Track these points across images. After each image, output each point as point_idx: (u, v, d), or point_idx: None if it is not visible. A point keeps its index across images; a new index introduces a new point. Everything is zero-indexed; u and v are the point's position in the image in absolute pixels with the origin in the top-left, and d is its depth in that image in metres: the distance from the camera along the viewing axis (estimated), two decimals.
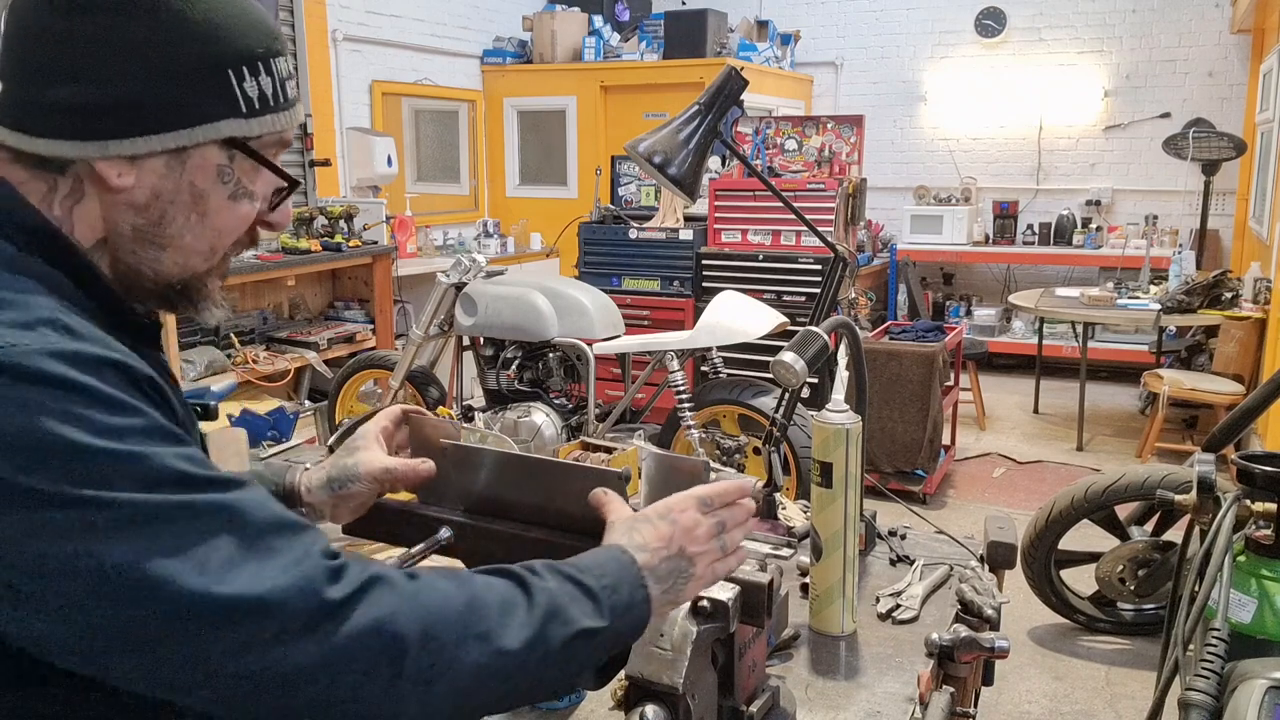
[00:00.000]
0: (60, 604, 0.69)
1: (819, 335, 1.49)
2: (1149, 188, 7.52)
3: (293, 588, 0.73)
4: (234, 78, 0.82)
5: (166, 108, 0.80)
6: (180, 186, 0.83)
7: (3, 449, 0.68)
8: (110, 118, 0.79)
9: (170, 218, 0.84)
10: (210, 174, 0.84)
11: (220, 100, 0.82)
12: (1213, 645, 1.25)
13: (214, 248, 0.88)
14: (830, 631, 1.47)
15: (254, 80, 0.84)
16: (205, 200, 0.85)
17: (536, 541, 1.11)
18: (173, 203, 0.83)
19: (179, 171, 0.83)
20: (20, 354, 0.70)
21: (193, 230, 0.85)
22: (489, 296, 3.94)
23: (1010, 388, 7.06)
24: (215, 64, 0.81)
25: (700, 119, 2.01)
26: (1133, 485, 3.27)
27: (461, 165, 7.63)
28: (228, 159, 0.85)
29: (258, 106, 0.84)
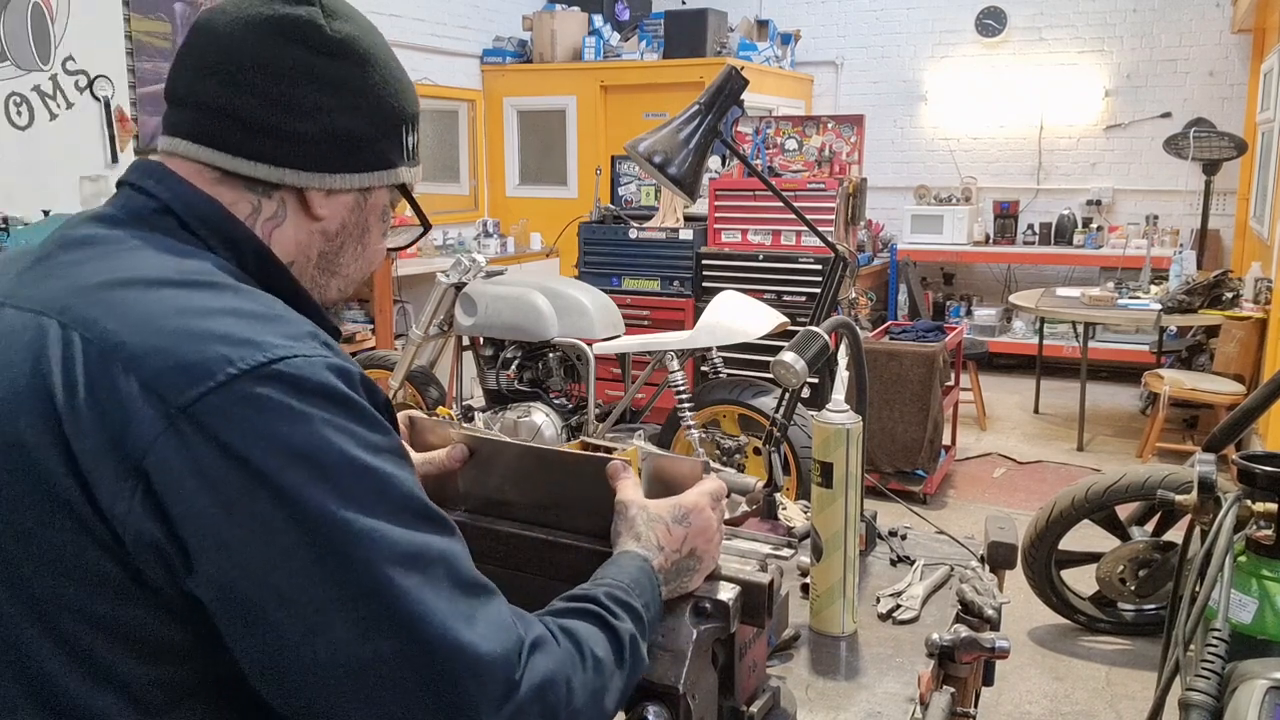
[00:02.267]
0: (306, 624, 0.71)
1: (819, 335, 1.49)
2: (1150, 187, 7.51)
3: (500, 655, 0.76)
4: (404, 131, 0.92)
5: (372, 151, 0.89)
6: (359, 222, 0.92)
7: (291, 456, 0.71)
8: (328, 152, 0.86)
9: (345, 249, 0.93)
10: (378, 213, 0.94)
11: (398, 150, 0.92)
12: (1213, 645, 1.25)
13: (362, 277, 0.98)
14: (831, 632, 1.47)
15: (412, 135, 0.94)
16: (368, 235, 0.94)
17: (537, 541, 1.11)
18: (350, 236, 0.92)
19: (362, 208, 0.92)
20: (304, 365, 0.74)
21: (356, 261, 0.94)
22: (489, 296, 3.94)
23: (1011, 388, 7.05)
24: (401, 118, 0.91)
25: (700, 119, 2.01)
26: (1133, 485, 3.27)
27: (461, 165, 7.63)
28: (391, 201, 0.95)
29: (414, 157, 0.95)
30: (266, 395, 0.71)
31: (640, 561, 0.94)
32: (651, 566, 0.94)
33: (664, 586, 0.95)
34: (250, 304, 0.78)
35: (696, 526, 0.98)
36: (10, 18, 4.42)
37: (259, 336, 0.74)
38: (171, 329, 0.73)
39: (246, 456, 0.70)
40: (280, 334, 0.75)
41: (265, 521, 0.70)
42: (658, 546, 0.95)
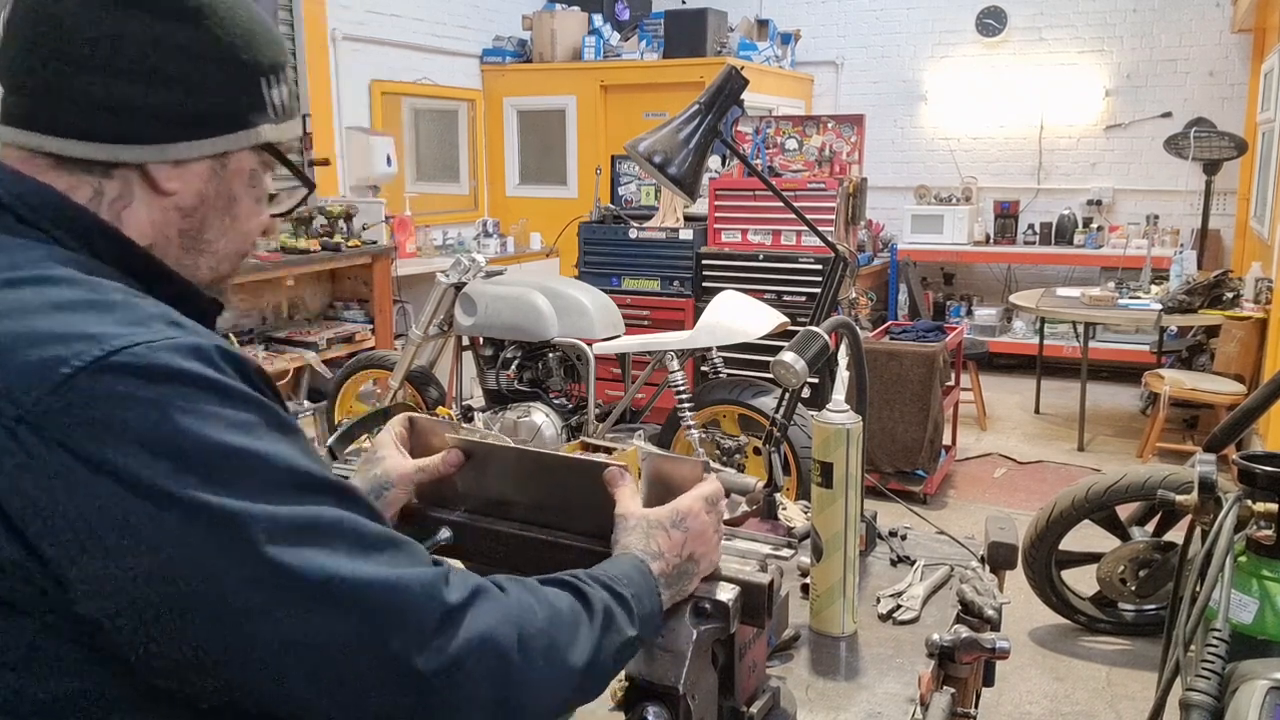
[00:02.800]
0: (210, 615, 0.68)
1: (819, 335, 1.48)
2: (1150, 187, 7.51)
3: (417, 583, 0.74)
4: (265, 85, 0.83)
5: (219, 112, 0.81)
6: (220, 191, 0.83)
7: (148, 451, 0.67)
8: (165, 121, 0.78)
9: (210, 223, 0.84)
10: (244, 179, 0.85)
11: (258, 106, 0.83)
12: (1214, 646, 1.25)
13: (240, 251, 0.88)
14: (831, 632, 1.47)
15: (279, 88, 0.85)
16: (237, 204, 0.85)
17: (537, 541, 1.10)
18: (213, 209, 0.84)
19: (220, 176, 0.83)
20: (146, 351, 0.69)
21: (226, 235, 0.86)
22: (489, 296, 3.94)
23: (1011, 388, 7.05)
24: (254, 70, 0.82)
25: (700, 118, 2.01)
26: (1134, 486, 3.27)
27: (461, 165, 7.63)
28: (259, 164, 0.86)
29: (282, 112, 0.86)
30: (109, 389, 0.66)
31: (636, 561, 0.94)
32: (649, 568, 0.94)
33: (665, 591, 0.95)
34: (83, 294, 0.72)
35: (694, 530, 0.98)
36: None
37: (94, 329, 0.69)
38: None
39: (100, 458, 0.65)
40: (118, 322, 0.70)
41: (135, 522, 0.66)
42: (658, 553, 0.95)
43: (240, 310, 5.47)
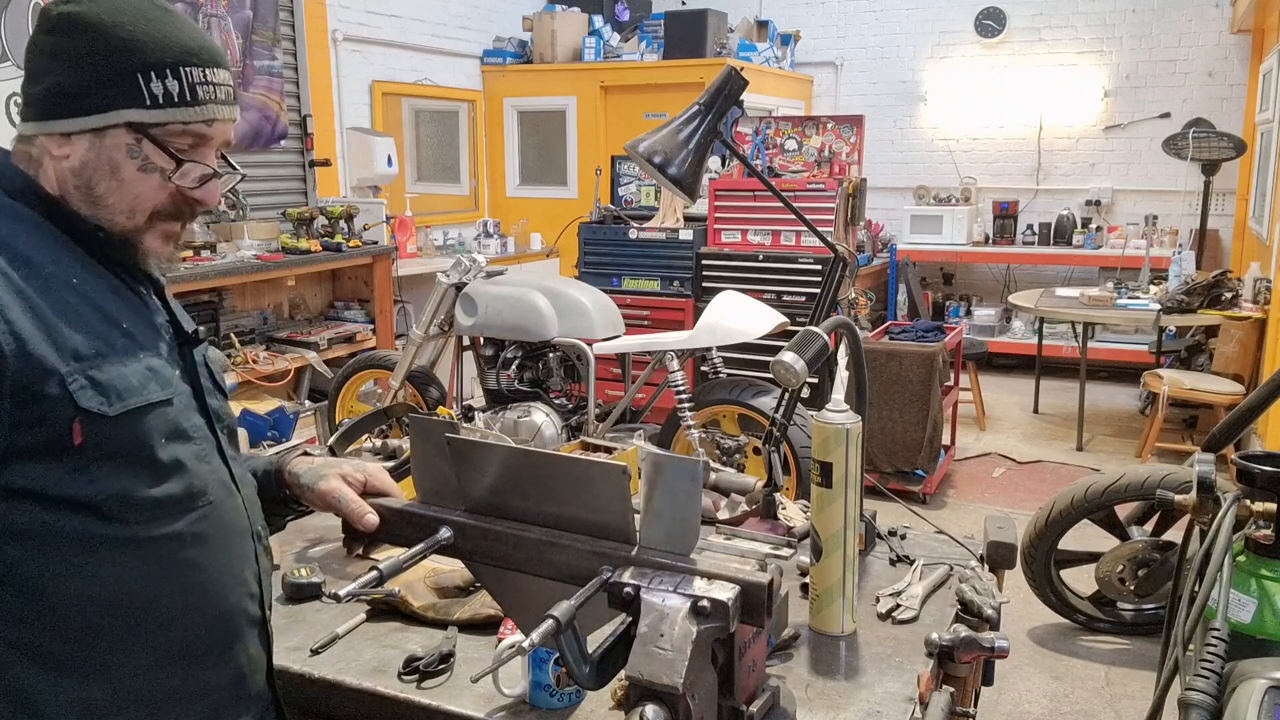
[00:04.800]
0: None
1: (819, 335, 1.49)
2: (1149, 188, 7.52)
3: None
4: (142, 79, 1.07)
5: (86, 99, 1.07)
6: (101, 158, 1.08)
7: None
8: (52, 104, 1.07)
9: (96, 182, 1.09)
10: (122, 150, 1.09)
11: (127, 95, 1.07)
12: (1212, 645, 1.25)
13: (133, 209, 1.11)
14: (830, 631, 1.47)
15: (160, 82, 1.08)
16: (120, 170, 1.09)
17: (537, 541, 1.11)
18: (96, 170, 1.08)
19: (99, 147, 1.08)
20: None
21: (114, 194, 1.10)
22: (489, 296, 3.94)
23: (1010, 388, 7.06)
24: (126, 68, 1.07)
25: (700, 119, 2.01)
26: (1132, 485, 3.27)
27: (461, 165, 7.63)
28: (135, 140, 1.09)
29: (161, 102, 1.09)
30: None
31: None
32: None
33: None
34: None
35: None
36: (11, 18, 4.42)
37: None
38: None
39: None
40: None
41: None
42: None
43: (241, 310, 5.47)
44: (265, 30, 5.65)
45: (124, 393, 1.04)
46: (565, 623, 0.98)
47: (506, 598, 1.23)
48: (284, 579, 1.62)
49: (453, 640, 1.46)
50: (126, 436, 1.04)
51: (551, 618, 0.97)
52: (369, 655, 1.44)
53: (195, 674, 1.12)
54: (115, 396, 1.03)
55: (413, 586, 1.56)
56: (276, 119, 5.74)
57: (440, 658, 1.39)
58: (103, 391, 1.02)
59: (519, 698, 1.31)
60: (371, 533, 1.23)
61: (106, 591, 1.04)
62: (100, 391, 1.02)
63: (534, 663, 1.29)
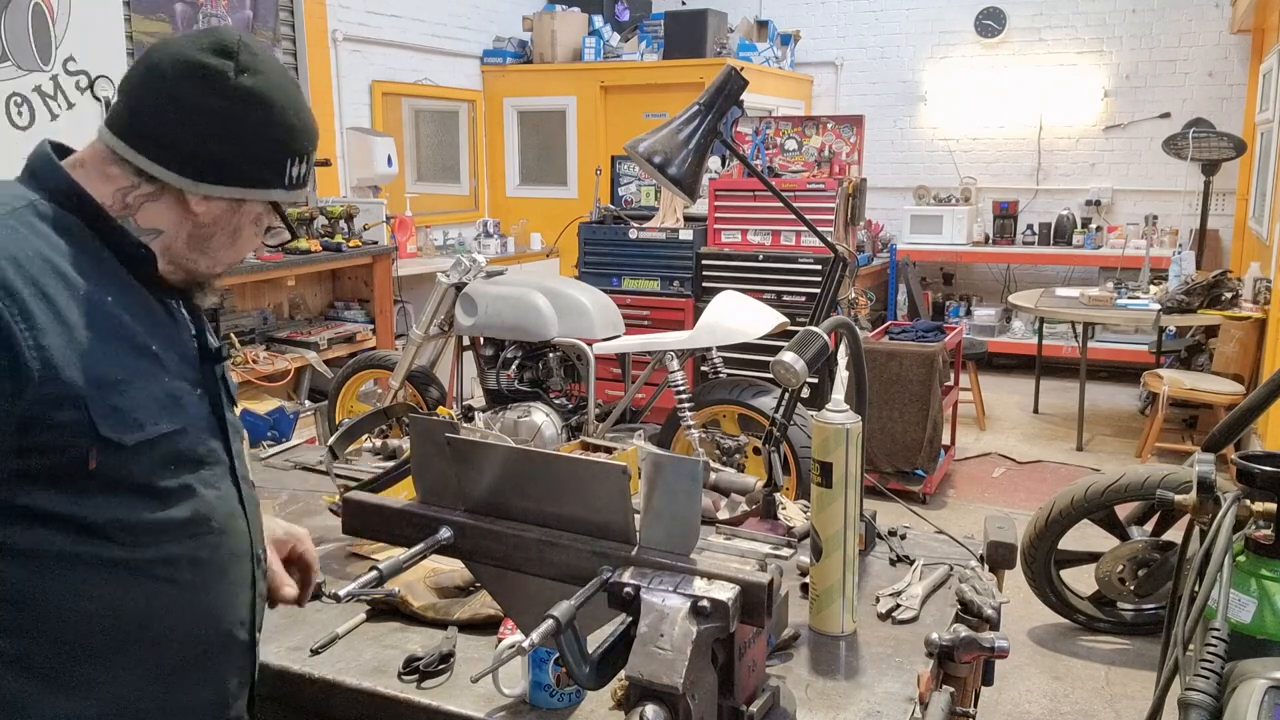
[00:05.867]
0: None
1: (819, 335, 1.49)
2: (1149, 188, 7.52)
3: None
4: (289, 163, 1.16)
5: (245, 173, 1.12)
6: (231, 222, 1.16)
7: None
8: (202, 167, 1.10)
9: (215, 238, 1.16)
10: (252, 218, 1.18)
11: (276, 175, 1.15)
12: (1213, 645, 1.25)
13: (233, 262, 1.21)
14: (830, 631, 1.47)
15: (298, 166, 1.17)
16: (241, 233, 1.18)
17: (536, 541, 1.11)
18: (221, 229, 1.16)
19: (235, 213, 1.15)
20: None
21: (225, 250, 1.18)
22: (489, 296, 3.94)
23: (1010, 388, 7.06)
24: (282, 152, 1.14)
25: (700, 119, 2.01)
26: (1132, 485, 3.27)
27: (461, 165, 7.63)
28: (266, 212, 1.19)
29: (295, 183, 1.18)
30: None
31: None
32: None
33: None
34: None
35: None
36: (11, 18, 4.42)
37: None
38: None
39: None
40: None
41: None
42: None
43: (242, 310, 5.47)
44: (265, 30, 5.65)
45: (143, 422, 1.05)
46: (565, 623, 0.98)
47: (506, 598, 1.23)
48: None
49: (453, 640, 1.46)
50: (137, 464, 1.05)
51: (551, 618, 0.97)
52: (369, 655, 1.44)
53: (182, 692, 1.12)
54: (135, 426, 1.04)
55: (413, 586, 1.56)
56: None
57: (440, 658, 1.39)
58: (122, 420, 1.03)
59: (519, 698, 1.31)
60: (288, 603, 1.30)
61: (101, 609, 1.04)
62: (120, 419, 1.03)
63: (534, 663, 1.29)
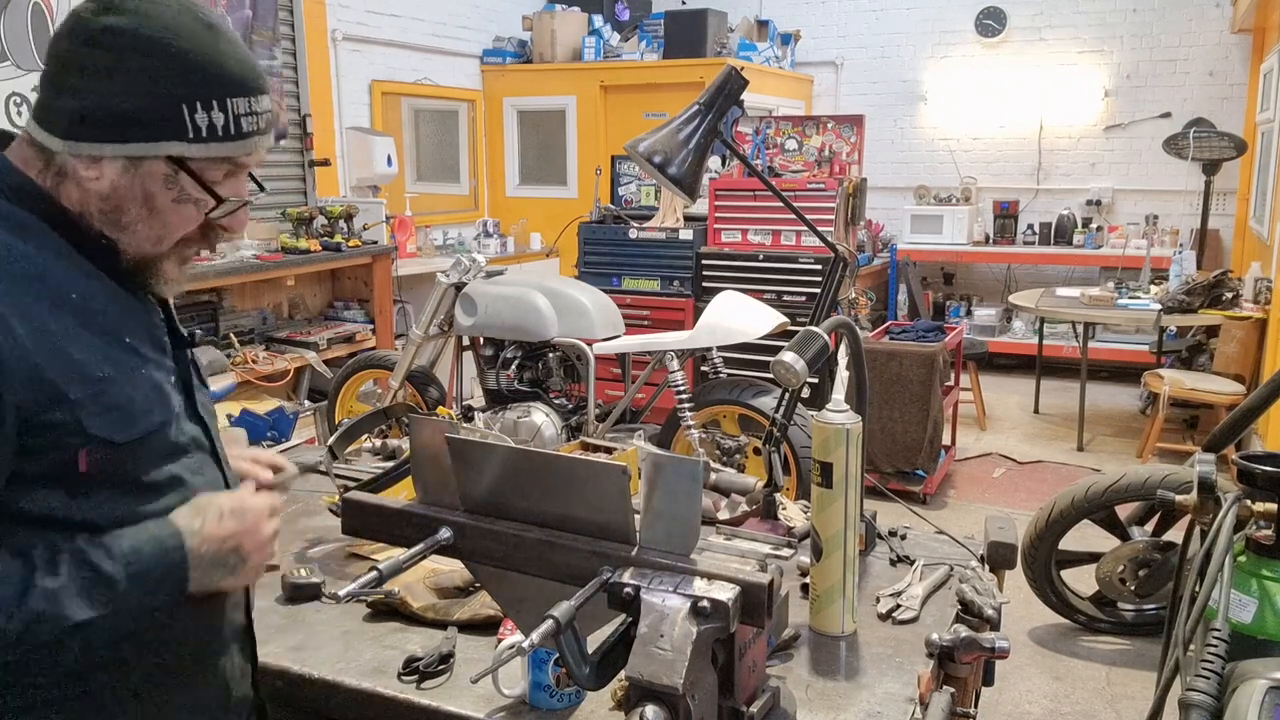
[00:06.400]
0: None
1: (819, 335, 1.49)
2: (1149, 187, 7.51)
3: None
4: (186, 110, 1.02)
5: (126, 127, 1.01)
6: (134, 187, 1.03)
7: None
8: (85, 126, 1.00)
9: (126, 209, 1.04)
10: (158, 181, 1.04)
11: (169, 126, 1.02)
12: (1213, 645, 1.25)
13: (161, 238, 1.07)
14: (830, 632, 1.47)
15: (206, 114, 1.03)
16: (154, 200, 1.05)
17: (536, 541, 1.11)
18: (128, 198, 1.04)
19: (133, 175, 1.03)
20: None
21: (144, 222, 1.05)
22: (489, 296, 3.94)
23: (1010, 388, 7.05)
24: (173, 97, 1.01)
25: (700, 119, 2.01)
26: (1133, 485, 3.27)
27: (461, 165, 7.63)
28: (173, 171, 1.04)
29: (205, 135, 1.03)
30: None
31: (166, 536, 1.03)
32: (179, 543, 1.03)
33: (195, 570, 1.04)
34: None
35: (248, 525, 1.08)
36: (10, 18, 4.42)
37: None
38: None
39: None
40: None
41: None
42: (198, 533, 1.05)
43: (241, 310, 5.47)
44: (265, 30, 5.65)
45: (133, 418, 1.02)
46: (565, 623, 0.98)
47: (506, 598, 1.23)
48: (284, 579, 1.62)
49: (453, 640, 1.46)
50: (129, 461, 1.03)
51: (551, 618, 0.97)
52: (369, 655, 1.44)
53: (184, 690, 1.12)
54: (125, 423, 1.01)
55: (412, 587, 1.56)
56: (276, 119, 5.73)
57: (440, 658, 1.39)
58: (111, 418, 1.00)
59: (519, 698, 1.31)
60: None
61: None
62: (109, 418, 1.00)
63: (534, 663, 1.28)
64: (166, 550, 1.02)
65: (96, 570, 0.97)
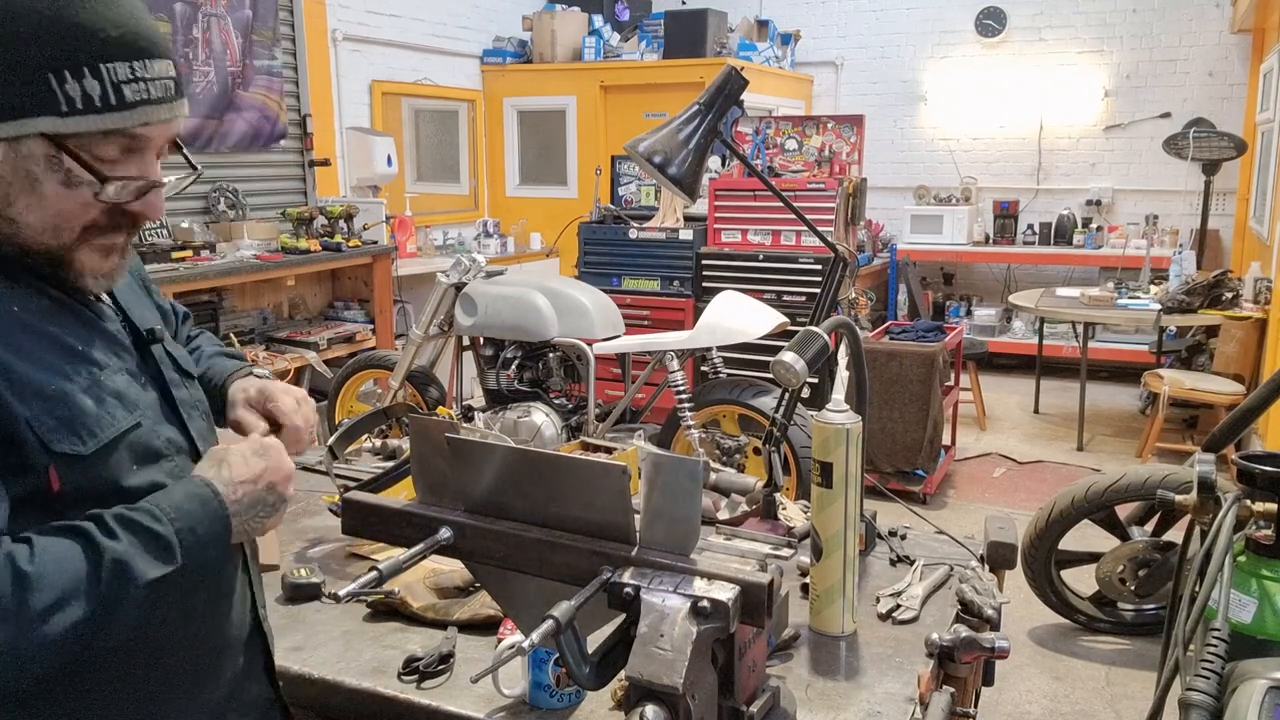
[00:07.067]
0: None
1: (819, 335, 1.49)
2: (1149, 188, 7.51)
3: None
4: (54, 80, 0.89)
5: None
6: (17, 171, 0.92)
7: None
8: None
9: (13, 198, 0.93)
10: (40, 163, 0.92)
11: (36, 100, 0.89)
12: (1213, 645, 1.25)
13: (58, 227, 0.96)
14: (830, 631, 1.47)
15: (76, 83, 0.90)
16: (40, 185, 0.93)
17: (536, 541, 1.11)
18: (11, 185, 0.92)
19: (14, 158, 0.91)
20: None
21: (34, 211, 0.94)
22: (489, 296, 3.94)
23: (1010, 388, 7.05)
24: (32, 66, 0.88)
25: (700, 119, 2.01)
26: (1133, 485, 3.27)
27: (461, 165, 7.63)
28: (54, 152, 0.92)
29: (80, 107, 0.91)
30: None
31: (198, 488, 0.99)
32: (213, 491, 0.99)
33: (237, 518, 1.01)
34: None
35: (274, 464, 1.05)
36: None
37: None
38: None
39: None
40: None
41: None
42: (229, 479, 1.01)
43: (241, 310, 5.47)
44: (265, 30, 5.65)
45: (95, 428, 0.95)
46: (565, 623, 0.98)
47: (506, 598, 1.23)
48: (284, 579, 1.62)
49: (453, 640, 1.46)
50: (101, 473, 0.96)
51: (551, 618, 0.97)
52: (369, 655, 1.44)
53: (193, 691, 1.10)
54: (87, 434, 0.94)
55: (412, 587, 1.56)
56: (276, 119, 5.74)
57: (440, 658, 1.39)
58: (73, 431, 0.93)
59: (519, 698, 1.31)
60: None
61: None
62: (71, 431, 0.93)
63: (534, 663, 1.28)
64: (204, 500, 0.99)
65: (150, 531, 0.93)
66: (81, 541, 0.89)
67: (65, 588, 0.87)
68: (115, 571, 0.89)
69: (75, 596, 0.87)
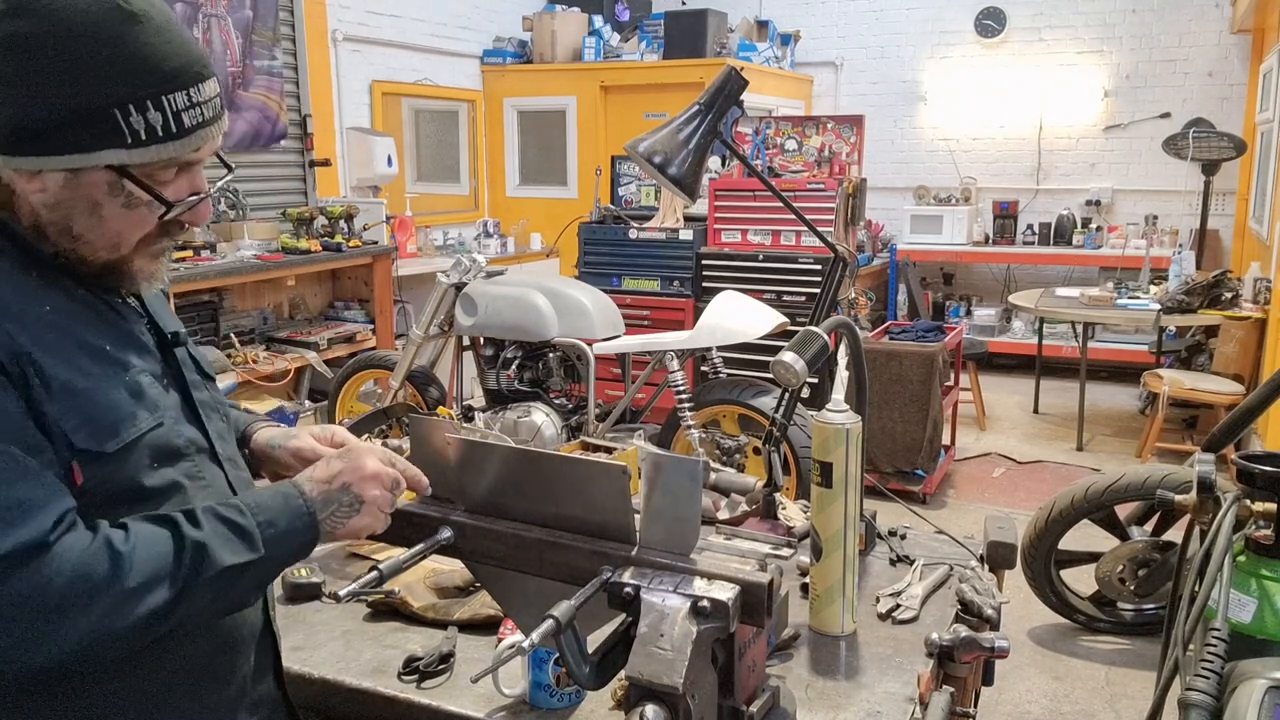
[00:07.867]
0: None
1: (819, 335, 1.49)
2: (1149, 188, 7.52)
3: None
4: (120, 115, 0.95)
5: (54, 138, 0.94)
6: (78, 197, 0.98)
7: None
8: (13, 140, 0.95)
9: (74, 219, 0.99)
10: (102, 189, 0.99)
11: (104, 134, 0.95)
12: (1213, 645, 1.25)
13: (117, 244, 1.03)
14: (830, 631, 1.47)
15: (141, 116, 0.96)
16: (101, 209, 0.99)
17: (536, 541, 1.11)
18: (74, 209, 0.99)
19: (75, 186, 0.98)
20: None
21: (94, 230, 1.00)
22: (489, 296, 3.94)
23: (1010, 388, 7.05)
24: (98, 105, 0.94)
25: (700, 119, 2.01)
26: (1133, 485, 3.27)
27: (461, 165, 7.63)
28: (116, 178, 0.98)
29: (144, 138, 0.97)
30: None
31: (285, 486, 1.08)
32: (296, 489, 1.07)
33: (322, 512, 1.07)
34: None
35: (351, 464, 1.10)
36: None
37: None
38: None
39: None
40: None
41: None
42: (310, 477, 1.09)
43: (241, 310, 5.47)
44: (265, 30, 5.65)
45: (118, 426, 0.99)
46: (565, 623, 0.98)
47: (506, 598, 1.23)
48: (284, 579, 1.62)
49: (453, 640, 1.46)
50: (122, 471, 1.00)
51: (551, 618, 0.97)
52: (369, 655, 1.44)
53: (201, 691, 1.10)
54: (111, 433, 0.98)
55: (412, 587, 1.56)
56: (276, 119, 5.74)
57: (440, 658, 1.39)
58: (97, 428, 0.97)
59: (519, 698, 1.31)
60: None
61: None
62: (94, 429, 0.97)
63: (534, 663, 1.29)
64: (287, 496, 1.06)
65: (233, 522, 1.00)
66: (169, 527, 0.97)
67: (154, 570, 0.94)
68: (195, 555, 0.96)
69: (161, 579, 0.94)
